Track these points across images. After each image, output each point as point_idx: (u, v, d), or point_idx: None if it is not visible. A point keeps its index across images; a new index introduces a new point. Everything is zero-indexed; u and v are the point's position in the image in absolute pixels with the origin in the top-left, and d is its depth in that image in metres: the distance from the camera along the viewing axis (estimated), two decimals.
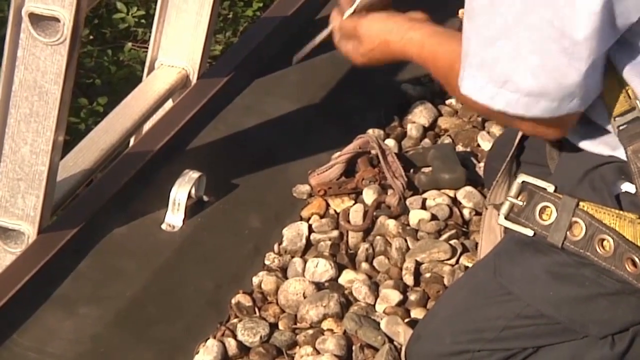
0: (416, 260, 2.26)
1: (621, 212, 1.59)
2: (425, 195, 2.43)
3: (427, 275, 2.24)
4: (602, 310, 1.66)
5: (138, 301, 2.14)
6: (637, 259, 1.57)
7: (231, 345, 2.05)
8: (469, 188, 2.42)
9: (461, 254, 2.27)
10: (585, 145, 1.67)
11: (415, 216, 2.36)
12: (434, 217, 2.36)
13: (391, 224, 2.33)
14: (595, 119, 1.63)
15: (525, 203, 1.66)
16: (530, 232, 1.66)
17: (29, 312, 2.09)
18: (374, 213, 2.36)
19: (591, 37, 1.49)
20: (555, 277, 1.67)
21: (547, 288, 1.68)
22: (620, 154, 1.61)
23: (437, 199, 2.41)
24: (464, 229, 2.35)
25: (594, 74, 1.53)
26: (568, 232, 1.62)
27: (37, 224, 2.22)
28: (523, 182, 1.67)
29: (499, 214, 1.69)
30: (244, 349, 2.07)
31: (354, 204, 2.39)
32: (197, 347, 2.05)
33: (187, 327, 2.10)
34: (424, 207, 2.40)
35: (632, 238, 1.58)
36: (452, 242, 2.30)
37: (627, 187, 1.60)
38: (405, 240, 2.30)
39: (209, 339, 2.06)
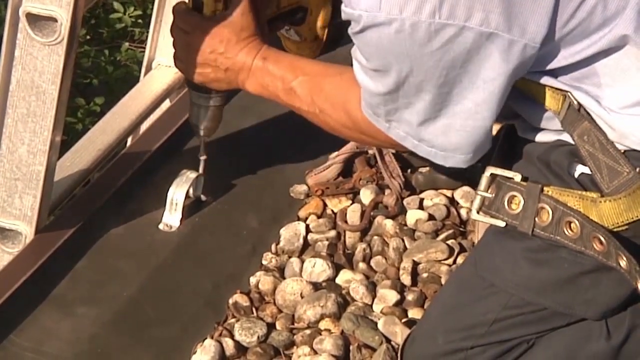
0: (413, 260, 2.26)
1: (583, 192, 1.62)
2: (422, 195, 2.43)
3: (425, 275, 2.24)
4: (585, 288, 1.68)
5: (135, 301, 2.14)
6: (602, 238, 1.59)
7: (229, 345, 2.05)
8: (466, 188, 2.42)
9: (458, 254, 2.27)
10: (534, 137, 1.71)
11: (413, 216, 2.36)
12: (431, 217, 2.36)
13: (388, 224, 2.34)
14: (538, 123, 1.68)
15: (494, 195, 1.69)
16: (502, 223, 1.69)
17: (26, 312, 2.08)
18: (372, 213, 2.36)
19: (490, 99, 1.57)
20: (534, 263, 1.69)
21: (528, 275, 1.70)
22: (565, 137, 1.66)
23: (434, 199, 2.41)
24: (461, 229, 2.35)
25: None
26: (536, 219, 1.65)
27: (34, 224, 2.22)
28: (491, 174, 1.70)
29: (470, 210, 1.72)
30: (241, 349, 2.07)
31: (351, 204, 2.39)
32: (195, 347, 2.05)
33: (184, 327, 2.10)
34: (421, 207, 2.40)
35: (596, 218, 1.60)
36: (449, 242, 2.30)
37: (582, 168, 1.64)
38: (403, 240, 2.30)
39: (206, 339, 2.06)
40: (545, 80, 1.61)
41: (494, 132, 1.72)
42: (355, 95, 1.71)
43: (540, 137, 1.70)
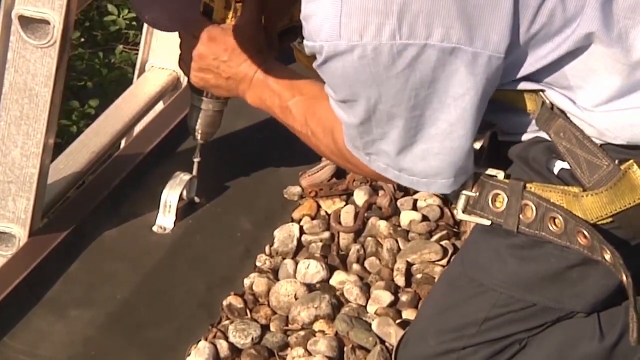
0: (407, 261, 2.26)
1: (565, 187, 1.63)
2: (416, 196, 2.43)
3: (419, 276, 2.24)
4: (573, 282, 1.69)
5: (129, 304, 2.14)
6: (586, 232, 1.60)
7: (222, 347, 2.05)
8: None
9: (452, 254, 2.28)
10: (512, 138, 1.72)
11: (406, 217, 2.36)
12: (424, 218, 2.36)
13: (382, 225, 2.34)
14: (514, 127, 1.68)
15: (478, 194, 1.69)
16: (487, 222, 1.70)
17: (20, 315, 2.08)
18: (365, 214, 2.36)
19: (463, 117, 1.56)
20: (521, 260, 1.70)
21: (515, 272, 1.71)
22: (542, 134, 1.66)
23: (427, 200, 2.41)
24: (454, 230, 2.36)
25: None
26: (520, 216, 1.66)
27: (28, 227, 2.21)
28: (474, 173, 1.70)
29: (456, 209, 1.72)
30: (235, 350, 2.07)
31: (345, 205, 2.39)
32: (189, 349, 2.05)
33: (178, 329, 2.10)
34: (414, 208, 2.40)
35: (579, 212, 1.61)
36: (443, 242, 2.30)
37: (561, 164, 1.65)
38: (397, 241, 2.31)
39: (200, 340, 2.06)
40: (516, 85, 1.62)
41: None
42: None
43: (518, 137, 1.71)
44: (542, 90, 1.61)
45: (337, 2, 1.48)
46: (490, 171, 1.69)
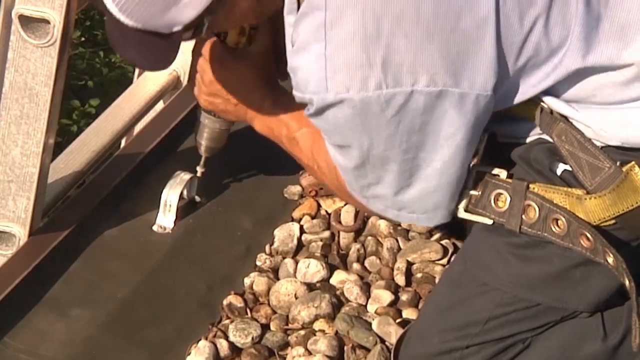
0: (407, 261, 2.26)
1: (568, 189, 1.63)
2: None
3: (419, 275, 2.24)
4: (576, 281, 1.69)
5: (129, 303, 2.14)
6: (589, 235, 1.60)
7: (223, 346, 2.05)
8: None
9: (452, 254, 2.28)
10: (514, 140, 1.72)
11: None
12: None
13: (382, 224, 2.34)
14: (514, 132, 1.68)
15: (480, 193, 1.69)
16: (489, 221, 1.70)
17: (20, 315, 2.08)
18: (365, 213, 2.36)
19: (457, 152, 1.58)
20: (524, 260, 1.70)
21: (519, 272, 1.71)
22: (545, 136, 1.67)
23: None
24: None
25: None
26: (523, 216, 1.66)
27: (28, 226, 2.21)
28: (477, 172, 1.70)
29: (457, 208, 1.72)
30: (235, 350, 2.07)
31: (345, 205, 2.39)
32: (189, 349, 2.05)
33: (178, 328, 2.10)
34: None
35: (582, 214, 1.61)
36: (443, 242, 2.30)
37: (564, 166, 1.65)
38: (397, 241, 2.31)
39: (200, 340, 2.06)
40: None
41: None
42: None
43: (520, 140, 1.71)
44: (540, 97, 1.62)
45: (322, 57, 1.50)
46: (493, 170, 1.69)
